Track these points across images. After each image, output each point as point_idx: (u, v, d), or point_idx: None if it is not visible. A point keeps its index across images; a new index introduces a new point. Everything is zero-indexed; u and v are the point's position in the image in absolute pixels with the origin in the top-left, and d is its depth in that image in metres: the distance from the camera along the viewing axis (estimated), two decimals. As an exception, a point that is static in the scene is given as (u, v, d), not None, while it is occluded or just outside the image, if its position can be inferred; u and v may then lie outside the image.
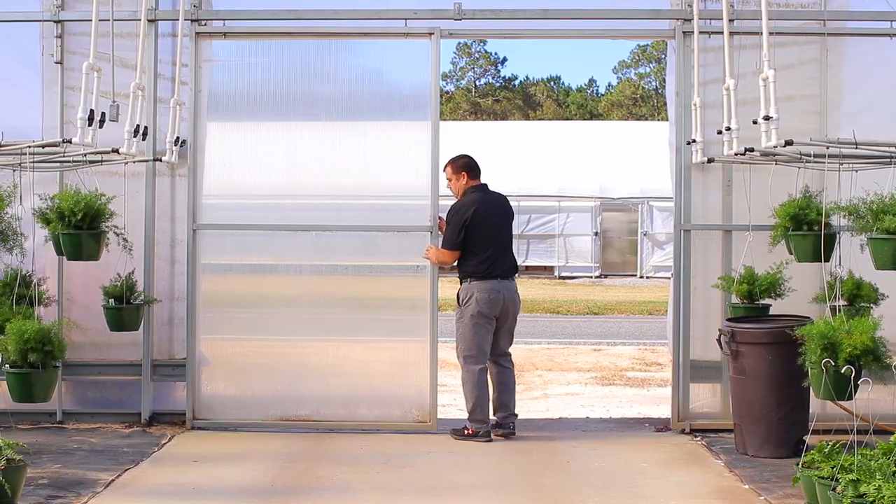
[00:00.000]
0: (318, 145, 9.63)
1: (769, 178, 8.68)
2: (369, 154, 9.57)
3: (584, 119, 57.48)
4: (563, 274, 30.75)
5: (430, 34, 9.37)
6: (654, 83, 61.72)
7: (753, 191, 9.01)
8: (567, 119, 56.69)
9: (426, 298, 9.36)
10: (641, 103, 60.54)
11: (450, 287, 9.96)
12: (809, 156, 7.74)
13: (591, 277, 30.72)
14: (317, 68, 9.73)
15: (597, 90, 67.49)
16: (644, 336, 18.26)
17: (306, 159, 9.60)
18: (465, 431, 9.07)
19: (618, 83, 63.68)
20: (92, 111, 7.17)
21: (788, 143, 7.01)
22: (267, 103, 9.60)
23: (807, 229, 8.07)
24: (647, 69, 61.86)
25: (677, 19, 9.34)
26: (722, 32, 8.79)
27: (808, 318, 8.46)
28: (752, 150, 7.85)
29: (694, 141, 9.11)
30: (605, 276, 31.10)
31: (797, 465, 6.41)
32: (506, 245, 9.27)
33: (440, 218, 9.34)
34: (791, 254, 8.39)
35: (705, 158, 9.06)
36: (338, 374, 9.52)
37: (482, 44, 63.20)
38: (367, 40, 9.67)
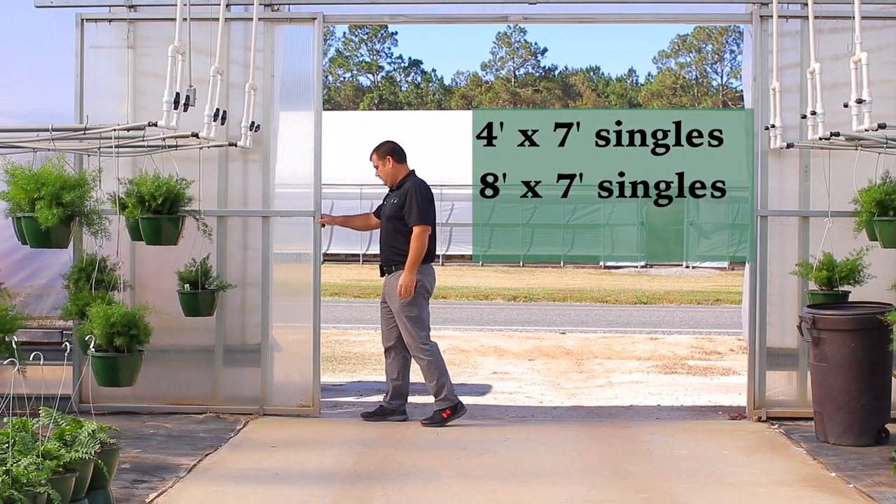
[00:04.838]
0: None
1: (847, 164, 8.55)
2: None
3: (624, 108, 57.27)
4: (609, 264, 30.57)
5: (313, 19, 9.22)
6: (694, 72, 61.40)
7: (831, 176, 8.89)
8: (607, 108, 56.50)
9: (309, 284, 9.30)
10: (682, 93, 60.22)
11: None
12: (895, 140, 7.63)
13: (637, 267, 30.54)
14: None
15: (636, 80, 67.30)
16: (698, 325, 18.15)
17: None
18: (444, 414, 8.96)
19: (658, 73, 63.41)
20: (177, 94, 7.15)
21: (881, 126, 6.89)
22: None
23: (893, 215, 7.96)
24: (688, 59, 61.55)
25: (754, 3, 9.21)
26: (798, 16, 8.73)
27: (891, 304, 8.35)
28: (837, 134, 7.75)
29: (773, 126, 8.99)
30: (651, 266, 30.91)
31: (896, 451, 6.33)
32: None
33: (323, 215, 9.27)
34: (873, 240, 8.28)
35: (784, 144, 8.95)
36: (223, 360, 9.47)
37: (522, 34, 63.07)
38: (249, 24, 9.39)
